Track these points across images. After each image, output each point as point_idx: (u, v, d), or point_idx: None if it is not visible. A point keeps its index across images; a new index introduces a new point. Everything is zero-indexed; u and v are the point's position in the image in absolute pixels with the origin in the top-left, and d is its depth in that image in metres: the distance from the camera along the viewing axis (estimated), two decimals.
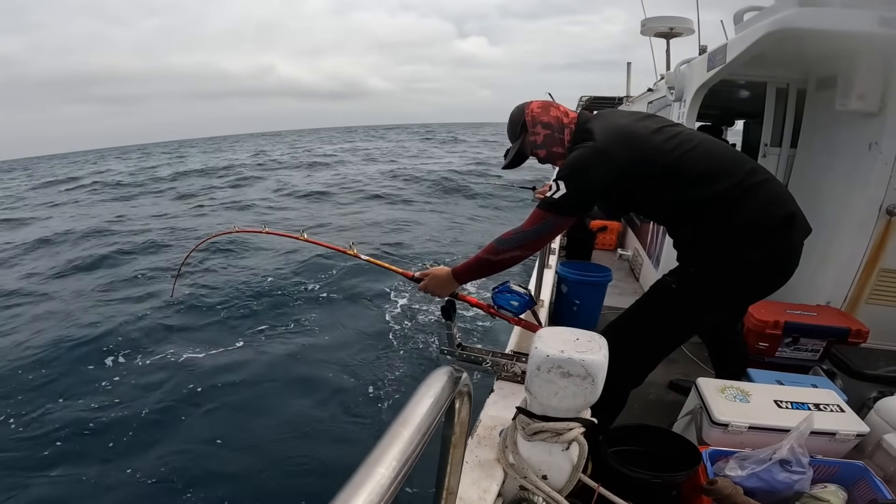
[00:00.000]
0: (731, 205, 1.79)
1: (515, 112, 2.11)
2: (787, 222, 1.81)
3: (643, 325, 1.99)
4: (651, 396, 2.91)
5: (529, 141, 2.07)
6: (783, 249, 1.83)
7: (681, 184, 1.82)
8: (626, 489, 1.67)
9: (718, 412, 2.05)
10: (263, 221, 8.60)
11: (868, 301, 3.43)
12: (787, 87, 4.54)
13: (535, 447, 1.55)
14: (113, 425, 5.09)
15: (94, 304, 8.40)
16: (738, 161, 1.89)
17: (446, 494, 1.02)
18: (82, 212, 18.95)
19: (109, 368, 6.25)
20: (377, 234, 12.27)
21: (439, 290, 2.08)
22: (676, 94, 4.32)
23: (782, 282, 1.91)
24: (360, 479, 0.56)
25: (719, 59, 3.55)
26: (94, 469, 4.50)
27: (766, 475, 1.76)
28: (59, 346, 6.77)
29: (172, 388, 5.69)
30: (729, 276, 1.85)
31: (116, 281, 9.67)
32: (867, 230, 3.35)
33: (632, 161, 1.80)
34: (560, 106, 2.08)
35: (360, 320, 7.46)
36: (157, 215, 17.00)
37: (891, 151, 3.25)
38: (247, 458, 4.52)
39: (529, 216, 1.88)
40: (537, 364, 1.47)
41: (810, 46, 3.44)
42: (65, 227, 15.59)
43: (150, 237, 13.20)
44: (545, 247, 2.11)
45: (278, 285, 8.84)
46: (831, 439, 1.99)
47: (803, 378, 2.59)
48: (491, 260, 1.91)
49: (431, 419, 0.73)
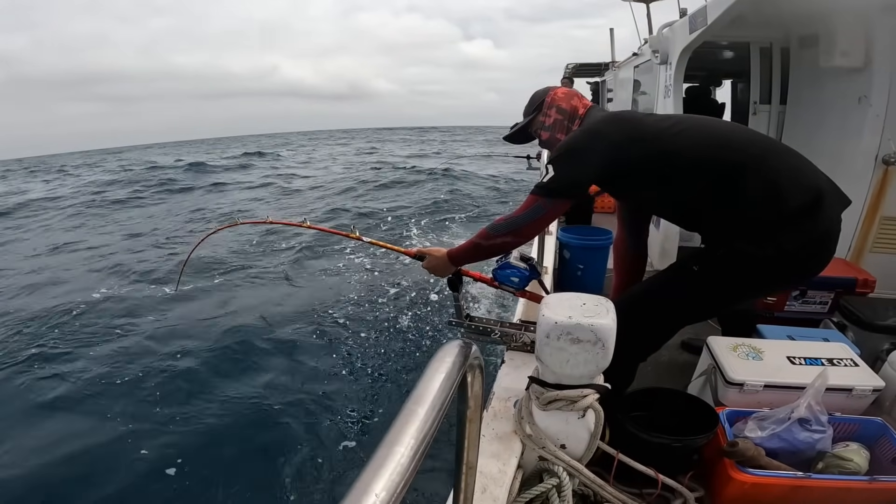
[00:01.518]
0: (743, 186, 1.66)
1: (539, 91, 2.11)
2: (816, 201, 1.63)
3: (657, 307, 1.89)
4: (664, 358, 2.86)
5: (539, 121, 2.06)
6: (816, 233, 1.66)
7: (681, 165, 1.73)
8: (646, 454, 1.66)
9: (732, 371, 2.01)
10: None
11: (872, 250, 3.47)
12: (770, 46, 4.61)
13: (551, 416, 1.52)
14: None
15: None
16: (749, 139, 1.78)
17: (466, 469, 1.00)
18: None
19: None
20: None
21: (439, 271, 2.08)
22: (661, 58, 4.32)
23: (819, 268, 1.76)
24: (379, 460, 0.55)
25: (700, 22, 3.53)
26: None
27: (786, 435, 1.72)
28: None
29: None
30: (760, 268, 1.70)
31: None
32: (865, 180, 3.39)
33: (624, 139, 1.75)
34: (584, 99, 2.05)
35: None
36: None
37: (881, 103, 3.29)
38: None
39: (523, 202, 1.84)
40: (546, 332, 1.44)
41: (787, 6, 3.48)
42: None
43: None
44: (541, 232, 2.07)
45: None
46: (848, 395, 1.95)
47: (814, 332, 2.56)
48: (482, 245, 1.89)
49: (445, 395, 0.71)
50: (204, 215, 15.37)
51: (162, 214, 15.97)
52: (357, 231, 2.40)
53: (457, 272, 2.09)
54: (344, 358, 5.79)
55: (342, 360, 5.76)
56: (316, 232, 2.56)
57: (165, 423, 4.72)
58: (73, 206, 18.76)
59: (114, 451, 4.36)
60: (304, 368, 5.62)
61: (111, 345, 6.32)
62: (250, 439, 4.50)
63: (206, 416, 4.82)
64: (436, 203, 14.87)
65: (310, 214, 13.42)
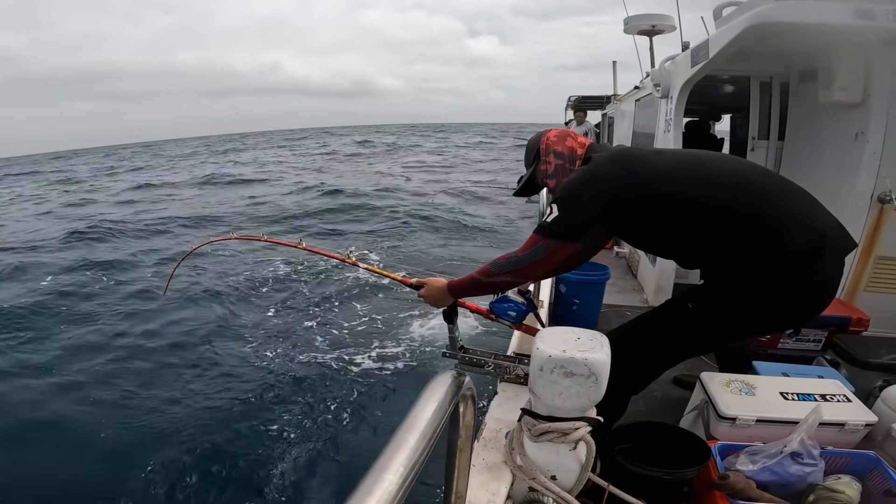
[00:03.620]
0: (743, 227, 1.66)
1: (532, 139, 2.11)
2: (818, 244, 1.63)
3: (651, 341, 1.90)
4: (656, 393, 2.87)
5: (541, 170, 2.05)
6: (816, 277, 1.66)
7: (679, 205, 1.72)
8: (637, 487, 1.66)
9: (725, 406, 2.02)
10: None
11: (866, 289, 3.46)
12: (770, 80, 4.62)
13: (542, 448, 1.54)
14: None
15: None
16: (753, 178, 1.77)
17: (455, 498, 1.03)
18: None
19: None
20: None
21: (436, 302, 2.05)
22: (663, 91, 4.36)
23: (818, 311, 1.77)
24: (368, 486, 0.56)
25: (702, 55, 3.58)
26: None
27: (777, 468, 1.73)
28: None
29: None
30: (756, 309, 1.72)
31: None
32: (860, 219, 3.37)
33: (623, 180, 1.74)
34: (578, 137, 2.05)
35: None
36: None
37: (878, 140, 3.29)
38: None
39: (525, 241, 1.82)
40: (540, 365, 1.47)
41: (789, 40, 3.49)
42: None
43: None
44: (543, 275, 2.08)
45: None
46: (840, 430, 1.96)
47: (808, 369, 2.57)
48: (483, 281, 1.88)
49: (436, 424, 0.73)
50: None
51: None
52: (353, 256, 2.38)
53: (453, 304, 2.07)
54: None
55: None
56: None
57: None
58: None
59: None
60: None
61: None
62: (233, 457, 4.55)
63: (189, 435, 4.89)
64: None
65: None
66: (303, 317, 7.72)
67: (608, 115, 9.43)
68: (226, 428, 4.93)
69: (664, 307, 1.96)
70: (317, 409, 5.27)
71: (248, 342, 6.82)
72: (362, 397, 5.46)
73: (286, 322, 7.55)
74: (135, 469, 4.34)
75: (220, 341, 6.82)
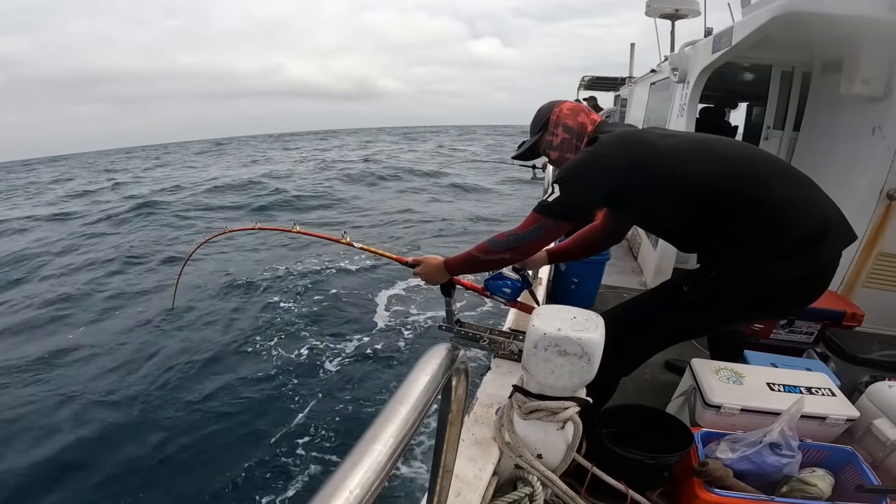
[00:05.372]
0: (744, 213, 1.67)
1: (544, 107, 2.07)
2: (819, 234, 1.64)
3: (645, 323, 1.92)
4: (646, 376, 2.92)
5: (546, 140, 2.04)
6: (813, 266, 1.66)
7: (683, 189, 1.72)
8: (620, 469, 1.70)
9: (711, 394, 2.06)
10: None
11: (865, 284, 3.45)
12: (792, 70, 4.53)
13: (531, 426, 1.57)
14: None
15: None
16: (758, 164, 1.76)
17: (443, 472, 1.02)
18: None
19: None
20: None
21: (431, 279, 2.06)
22: (680, 76, 4.29)
23: (811, 300, 1.78)
24: (357, 456, 0.57)
25: (725, 42, 3.52)
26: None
27: (756, 458, 1.77)
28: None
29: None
30: (750, 295, 1.72)
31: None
32: (867, 213, 3.35)
33: (629, 164, 1.72)
34: (591, 113, 2.02)
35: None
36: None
37: (894, 136, 3.23)
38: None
39: (525, 219, 1.82)
40: (534, 342, 1.47)
41: (817, 30, 3.43)
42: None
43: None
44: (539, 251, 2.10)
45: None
46: (822, 423, 1.99)
47: (797, 361, 2.60)
48: (480, 259, 1.88)
49: (428, 396, 0.73)
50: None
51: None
52: (348, 237, 2.36)
53: (449, 280, 2.08)
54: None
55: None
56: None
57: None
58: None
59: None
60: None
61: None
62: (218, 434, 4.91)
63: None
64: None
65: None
66: (294, 303, 8.12)
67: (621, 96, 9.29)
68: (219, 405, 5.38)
69: (659, 289, 1.98)
70: (310, 387, 5.54)
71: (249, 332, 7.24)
72: (353, 373, 5.71)
73: (277, 310, 7.98)
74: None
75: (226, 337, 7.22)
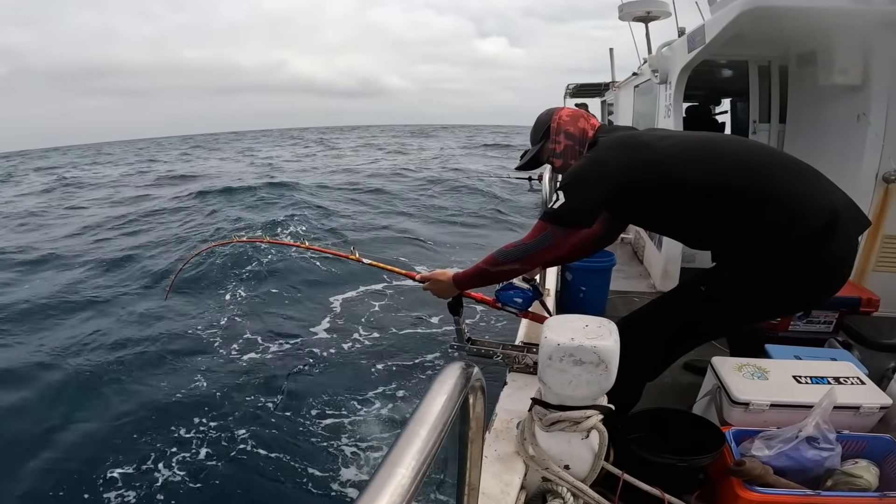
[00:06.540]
0: (751, 209, 1.65)
1: (543, 116, 2.07)
2: (830, 224, 1.60)
3: (665, 326, 1.89)
4: (667, 379, 2.82)
5: (549, 148, 2.03)
6: (828, 257, 1.64)
7: (687, 188, 1.71)
8: (652, 475, 1.64)
9: (738, 391, 1.99)
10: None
11: (875, 269, 3.45)
12: (768, 64, 4.62)
13: (553, 438, 1.53)
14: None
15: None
16: (760, 159, 1.76)
17: (468, 490, 1.02)
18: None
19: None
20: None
21: (441, 294, 2.06)
22: (661, 77, 4.35)
23: (833, 291, 1.75)
24: (381, 481, 0.56)
25: (699, 41, 3.57)
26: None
27: (794, 453, 1.71)
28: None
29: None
30: (768, 290, 1.70)
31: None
32: (866, 199, 3.36)
33: (629, 167, 1.73)
34: (591, 118, 2.03)
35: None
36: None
37: (880, 121, 3.29)
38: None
39: (532, 228, 1.82)
40: (548, 353, 1.46)
41: (786, 24, 3.49)
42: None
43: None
44: (554, 259, 2.06)
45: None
46: (855, 413, 1.93)
47: (821, 351, 2.56)
48: (490, 271, 1.87)
49: (446, 416, 0.73)
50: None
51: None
52: (357, 252, 2.37)
53: (458, 295, 2.07)
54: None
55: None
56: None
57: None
58: None
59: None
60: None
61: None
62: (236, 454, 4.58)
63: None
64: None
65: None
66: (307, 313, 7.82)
67: (607, 102, 9.39)
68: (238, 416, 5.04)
69: (676, 292, 1.96)
70: (321, 401, 5.31)
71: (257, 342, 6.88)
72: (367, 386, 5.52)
73: (290, 319, 7.64)
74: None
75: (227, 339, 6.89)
